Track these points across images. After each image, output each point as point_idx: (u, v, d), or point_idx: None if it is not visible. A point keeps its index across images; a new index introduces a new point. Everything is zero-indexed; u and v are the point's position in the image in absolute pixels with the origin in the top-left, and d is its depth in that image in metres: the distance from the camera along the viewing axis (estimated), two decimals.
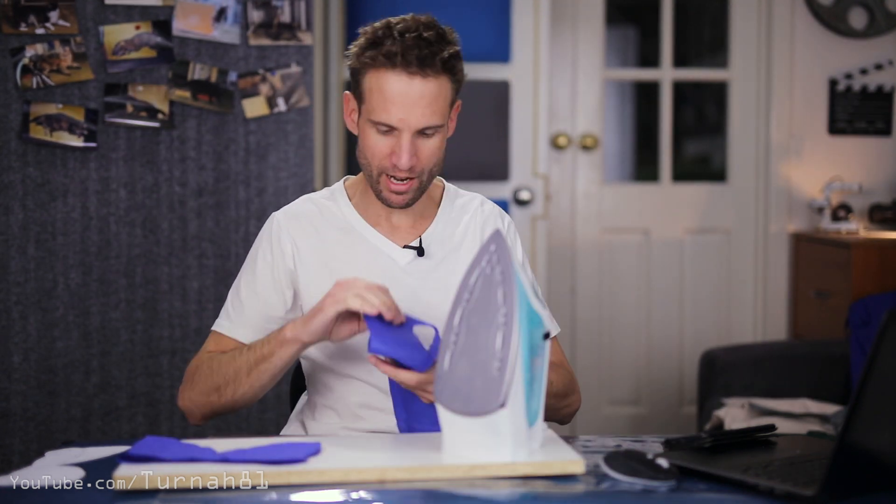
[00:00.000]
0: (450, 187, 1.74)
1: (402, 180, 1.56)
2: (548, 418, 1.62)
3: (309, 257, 1.64)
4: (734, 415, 2.85)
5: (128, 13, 2.45)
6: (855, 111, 3.61)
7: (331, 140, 3.12)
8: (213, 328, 1.67)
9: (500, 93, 3.37)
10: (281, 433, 1.70)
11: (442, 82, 1.54)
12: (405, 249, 1.64)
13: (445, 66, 1.54)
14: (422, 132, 1.54)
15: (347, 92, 1.62)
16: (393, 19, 1.55)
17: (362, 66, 1.55)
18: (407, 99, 1.52)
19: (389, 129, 1.54)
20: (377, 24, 1.56)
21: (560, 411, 1.66)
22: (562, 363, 1.68)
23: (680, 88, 3.87)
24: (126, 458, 1.27)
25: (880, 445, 1.21)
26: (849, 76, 3.60)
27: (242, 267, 1.70)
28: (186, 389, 1.61)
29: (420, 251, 1.64)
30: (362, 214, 1.66)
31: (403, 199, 1.59)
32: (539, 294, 1.68)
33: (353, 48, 1.57)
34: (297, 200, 1.72)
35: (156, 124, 2.48)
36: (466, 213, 1.71)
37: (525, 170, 3.41)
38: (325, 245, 1.64)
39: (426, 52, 1.51)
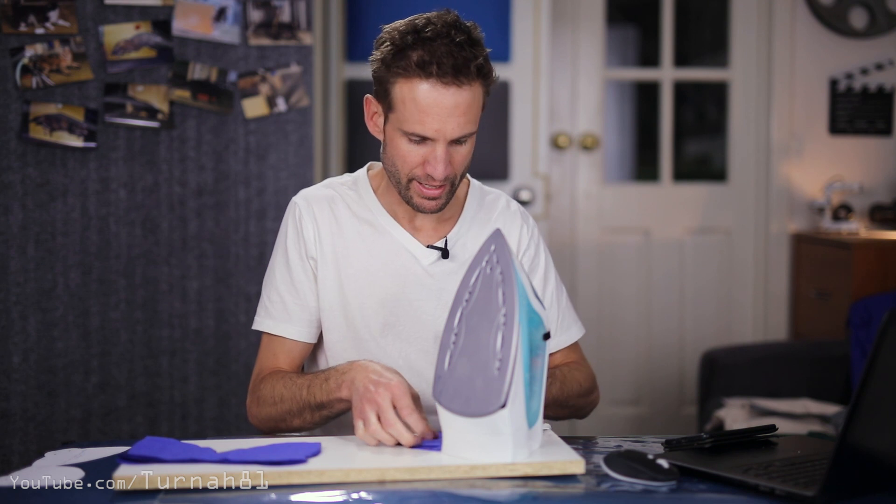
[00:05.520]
0: (475, 184, 1.70)
1: (435, 187, 1.52)
2: (572, 416, 1.64)
3: (327, 246, 1.60)
4: (734, 415, 2.85)
5: (128, 13, 2.45)
6: (855, 111, 3.61)
7: (331, 140, 3.11)
8: (256, 326, 1.63)
9: (500, 93, 3.36)
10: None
11: (475, 89, 1.47)
12: (429, 249, 1.61)
13: (480, 73, 1.47)
14: (456, 140, 1.49)
15: (369, 96, 1.55)
16: (418, 21, 1.47)
17: (391, 74, 1.47)
18: (442, 109, 1.45)
19: (423, 139, 1.48)
20: (402, 28, 1.47)
21: (584, 409, 1.66)
22: (584, 361, 1.70)
23: (680, 88, 3.87)
24: (126, 458, 1.27)
25: (880, 446, 1.21)
26: (849, 76, 3.60)
27: (272, 258, 1.65)
28: (254, 407, 1.58)
29: (445, 253, 1.61)
30: (386, 208, 1.62)
31: (436, 205, 1.54)
32: (563, 300, 1.69)
33: (378, 54, 1.49)
34: (318, 185, 1.67)
35: (155, 124, 2.48)
36: (493, 211, 1.67)
37: (525, 170, 3.41)
38: (344, 236, 1.61)
39: (460, 60, 1.43)
